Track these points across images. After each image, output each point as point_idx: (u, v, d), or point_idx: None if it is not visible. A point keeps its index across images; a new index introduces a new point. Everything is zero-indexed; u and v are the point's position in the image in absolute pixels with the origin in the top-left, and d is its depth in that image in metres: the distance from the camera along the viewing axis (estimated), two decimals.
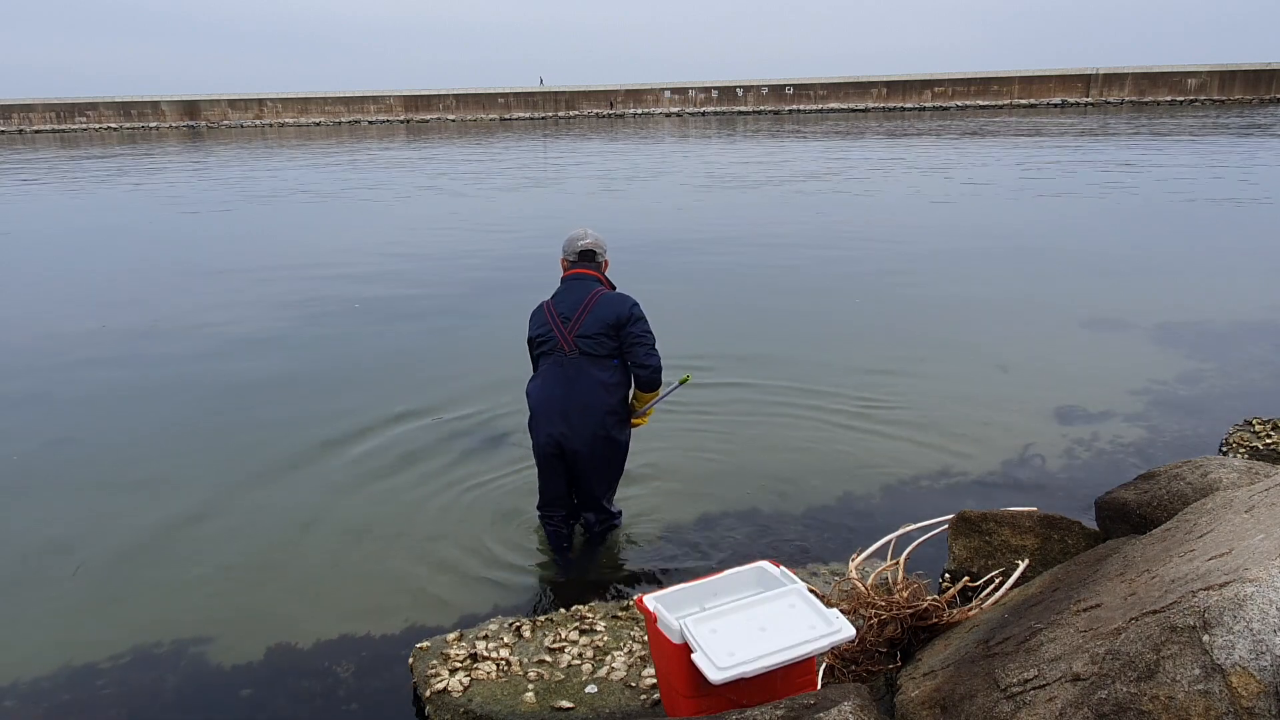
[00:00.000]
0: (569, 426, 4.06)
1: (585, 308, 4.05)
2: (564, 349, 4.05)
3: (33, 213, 19.79)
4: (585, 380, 4.04)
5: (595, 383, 4.04)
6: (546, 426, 4.11)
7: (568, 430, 4.07)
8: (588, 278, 4.19)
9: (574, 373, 4.04)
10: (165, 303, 10.43)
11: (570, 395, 4.05)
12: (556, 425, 4.08)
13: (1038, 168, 22.29)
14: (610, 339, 4.04)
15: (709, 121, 55.08)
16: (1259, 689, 1.89)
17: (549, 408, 4.10)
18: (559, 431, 4.08)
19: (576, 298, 4.09)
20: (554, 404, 4.08)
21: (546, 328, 4.11)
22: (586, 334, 4.02)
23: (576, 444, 4.09)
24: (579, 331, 4.03)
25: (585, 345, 4.03)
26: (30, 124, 58.55)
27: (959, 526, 4.00)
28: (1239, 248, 12.05)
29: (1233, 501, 2.96)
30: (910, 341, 7.96)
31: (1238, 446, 5.18)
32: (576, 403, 4.04)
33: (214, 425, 6.47)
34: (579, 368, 4.04)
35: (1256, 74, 53.82)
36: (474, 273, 11.67)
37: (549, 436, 4.11)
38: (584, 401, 4.04)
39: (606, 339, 4.03)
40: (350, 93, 63.44)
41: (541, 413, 4.13)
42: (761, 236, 13.71)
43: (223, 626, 4.04)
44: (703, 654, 2.54)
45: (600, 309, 4.04)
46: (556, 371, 4.07)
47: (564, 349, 4.05)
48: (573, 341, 4.04)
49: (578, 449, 4.10)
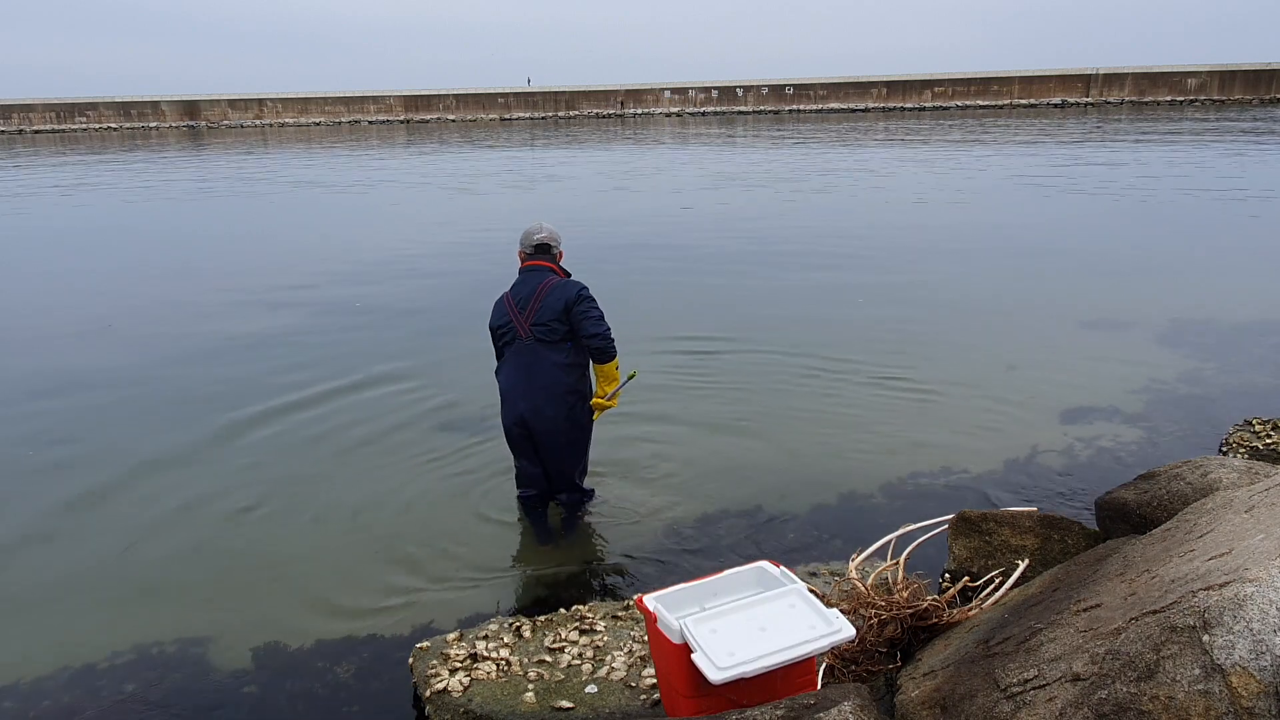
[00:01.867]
0: (532, 407, 4.35)
1: (538, 296, 4.31)
2: (522, 336, 4.32)
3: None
4: (543, 364, 4.32)
5: (552, 364, 4.32)
6: (512, 409, 4.41)
7: (531, 411, 4.36)
8: (542, 269, 4.43)
9: (532, 358, 4.33)
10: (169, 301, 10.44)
11: (532, 378, 4.34)
12: (520, 406, 4.37)
13: (1038, 167, 22.29)
14: (562, 323, 4.30)
15: (709, 121, 55.06)
16: (1259, 689, 1.89)
17: (514, 392, 4.39)
18: (523, 411, 4.37)
19: (531, 288, 4.35)
20: (518, 388, 4.37)
21: (506, 318, 4.38)
22: (541, 321, 4.29)
23: (541, 423, 4.38)
24: (534, 320, 4.30)
25: (540, 332, 4.30)
26: (30, 124, 58.52)
27: (959, 526, 4.00)
28: (1239, 247, 12.05)
29: (1233, 501, 2.96)
30: (910, 341, 7.96)
31: (1238, 446, 5.18)
32: (537, 384, 4.33)
33: (214, 424, 6.47)
34: (536, 353, 4.32)
35: (1256, 74, 53.80)
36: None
37: (516, 416, 4.40)
38: (544, 383, 4.33)
39: (559, 324, 4.29)
40: (350, 93, 63.41)
41: (508, 397, 4.43)
42: (762, 237, 13.71)
43: (223, 626, 4.04)
44: (703, 654, 2.54)
45: (551, 296, 4.30)
46: (517, 358, 4.36)
47: (522, 336, 4.32)
48: (529, 329, 4.31)
49: (543, 428, 4.39)
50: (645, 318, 8.82)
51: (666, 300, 9.79)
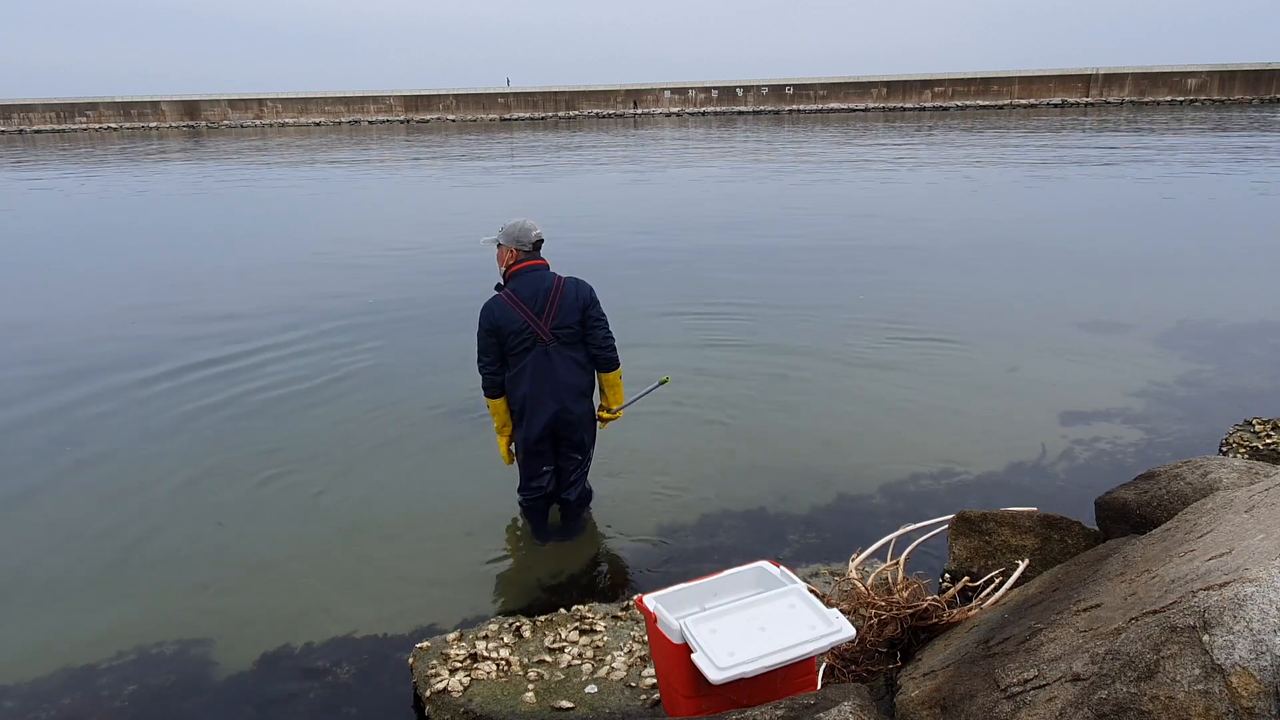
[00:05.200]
0: (563, 408, 4.28)
1: (553, 298, 4.19)
2: (544, 340, 4.20)
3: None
4: (568, 364, 4.26)
5: (575, 364, 4.28)
6: (543, 413, 4.28)
7: (562, 412, 4.29)
8: (542, 267, 4.29)
9: (558, 359, 4.23)
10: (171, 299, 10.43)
11: (559, 380, 4.25)
12: (551, 408, 4.27)
13: (1038, 167, 22.29)
14: (579, 325, 4.24)
15: (709, 121, 55.06)
16: (1259, 689, 1.89)
17: (542, 396, 4.26)
18: (555, 412, 4.28)
19: (541, 288, 4.19)
20: (546, 391, 4.25)
21: (521, 321, 4.16)
22: (563, 324, 4.20)
23: (569, 422, 4.32)
24: (555, 322, 4.18)
25: (562, 334, 4.21)
26: (30, 124, 58.53)
27: (959, 526, 4.00)
28: (1239, 247, 12.05)
29: (1233, 501, 2.96)
30: (910, 341, 7.96)
31: (1238, 446, 5.18)
32: (565, 385, 4.27)
33: (215, 423, 6.46)
34: (560, 354, 4.23)
35: (1256, 74, 53.81)
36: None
37: (548, 419, 4.28)
38: (571, 382, 4.28)
39: (577, 325, 4.23)
40: (350, 93, 63.41)
41: (534, 404, 4.28)
42: (761, 236, 13.72)
43: (223, 627, 4.04)
44: (703, 654, 2.54)
45: (568, 297, 4.20)
46: (540, 362, 4.22)
47: (544, 340, 4.20)
48: (550, 331, 4.19)
49: (570, 427, 4.34)
50: (647, 316, 8.83)
51: (666, 300, 9.79)
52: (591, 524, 4.84)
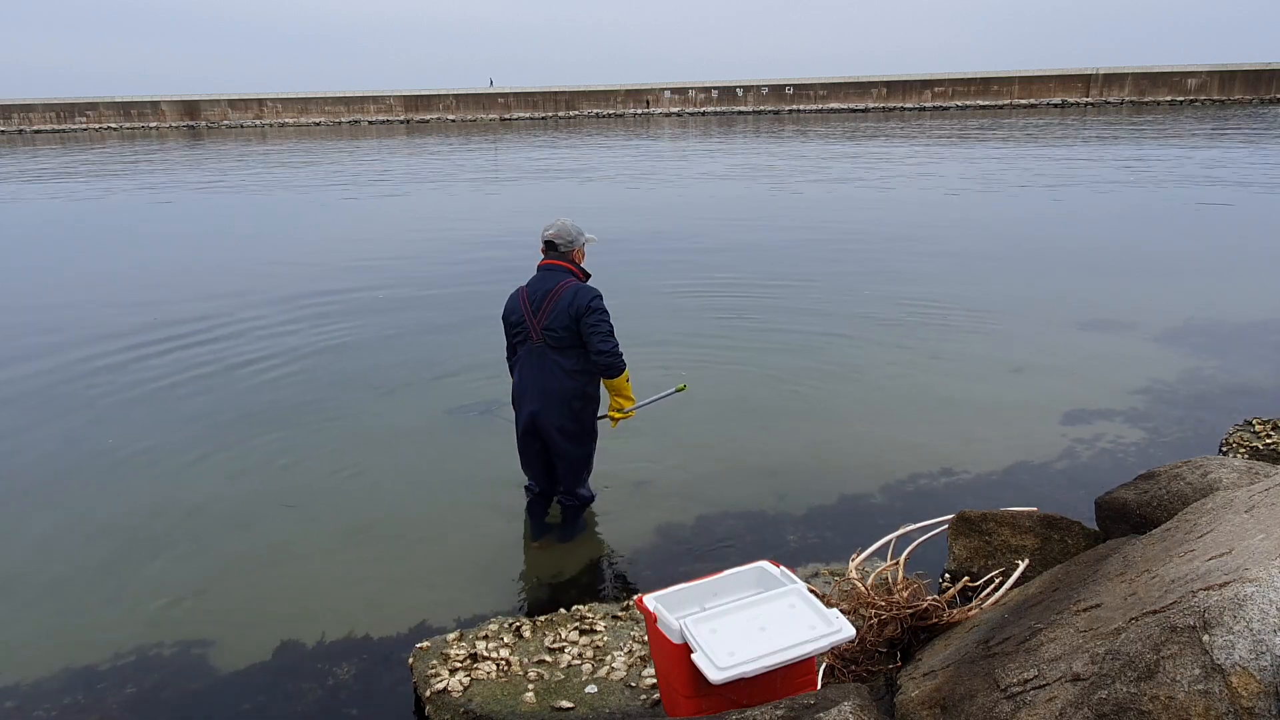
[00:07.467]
0: (540, 409, 4.34)
1: (551, 300, 4.23)
2: (533, 338, 4.29)
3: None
4: (552, 369, 4.29)
5: (560, 370, 4.29)
6: (524, 411, 4.41)
7: (538, 412, 4.35)
8: (558, 269, 4.32)
9: (541, 360, 4.30)
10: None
11: (539, 380, 4.32)
12: (529, 407, 4.37)
13: (1037, 166, 22.28)
14: (573, 330, 4.23)
15: (709, 121, 55.05)
16: (1259, 689, 1.89)
17: (525, 393, 4.39)
18: (533, 411, 4.36)
19: (545, 288, 4.26)
20: (529, 389, 4.36)
21: (520, 315, 4.32)
22: (551, 326, 4.23)
23: (546, 425, 4.36)
24: (545, 324, 4.24)
25: (550, 337, 4.25)
26: (30, 124, 58.50)
27: (959, 526, 4.00)
28: (1239, 246, 12.05)
29: (1233, 501, 2.96)
30: (910, 340, 7.96)
31: (1238, 446, 5.18)
32: (543, 387, 4.32)
33: (215, 423, 6.47)
34: (545, 356, 4.29)
35: (1256, 74, 53.80)
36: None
37: (527, 415, 4.39)
38: (549, 387, 4.30)
39: (568, 332, 4.23)
40: (350, 93, 63.39)
41: (519, 397, 4.44)
42: (761, 236, 13.71)
43: (223, 627, 4.04)
44: (703, 654, 2.54)
45: (563, 302, 4.21)
46: (529, 359, 4.34)
47: (533, 338, 4.29)
48: (540, 332, 4.25)
49: (550, 431, 4.37)
50: (646, 317, 8.82)
51: (666, 300, 9.79)
52: (591, 524, 4.84)
